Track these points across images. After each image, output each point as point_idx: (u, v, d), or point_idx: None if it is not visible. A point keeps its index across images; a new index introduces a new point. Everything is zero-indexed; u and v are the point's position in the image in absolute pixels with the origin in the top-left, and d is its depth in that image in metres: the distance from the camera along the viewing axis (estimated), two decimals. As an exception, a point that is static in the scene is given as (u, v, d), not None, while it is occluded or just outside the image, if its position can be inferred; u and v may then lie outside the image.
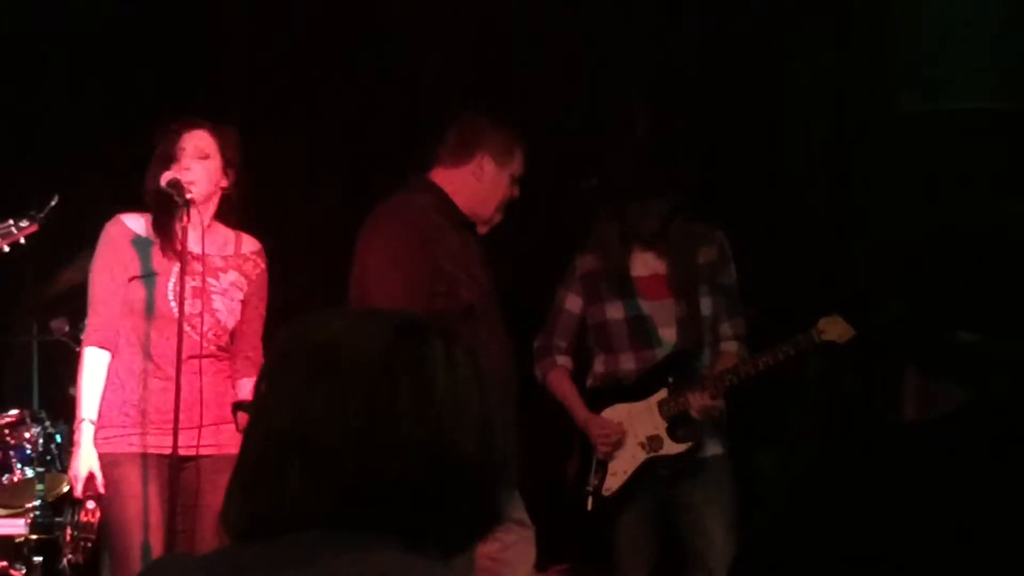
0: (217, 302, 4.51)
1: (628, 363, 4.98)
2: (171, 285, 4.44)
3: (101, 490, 4.35)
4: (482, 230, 4.77)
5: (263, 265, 4.64)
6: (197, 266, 4.44)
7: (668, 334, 4.96)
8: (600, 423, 4.94)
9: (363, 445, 1.60)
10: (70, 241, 4.86)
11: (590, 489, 4.93)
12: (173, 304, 4.42)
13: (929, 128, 5.76)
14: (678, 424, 4.90)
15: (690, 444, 4.89)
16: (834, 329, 4.79)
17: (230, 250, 4.59)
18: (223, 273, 4.55)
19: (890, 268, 5.31)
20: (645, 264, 5.02)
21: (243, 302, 4.58)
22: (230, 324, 4.54)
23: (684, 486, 4.91)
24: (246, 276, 4.60)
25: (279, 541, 1.61)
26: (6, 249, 4.43)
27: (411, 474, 1.60)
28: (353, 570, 1.57)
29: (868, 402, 4.46)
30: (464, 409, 1.65)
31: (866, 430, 4.55)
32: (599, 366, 5.05)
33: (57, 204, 4.43)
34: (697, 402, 4.86)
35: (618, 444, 4.91)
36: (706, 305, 4.99)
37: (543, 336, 5.12)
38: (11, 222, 4.42)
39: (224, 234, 4.59)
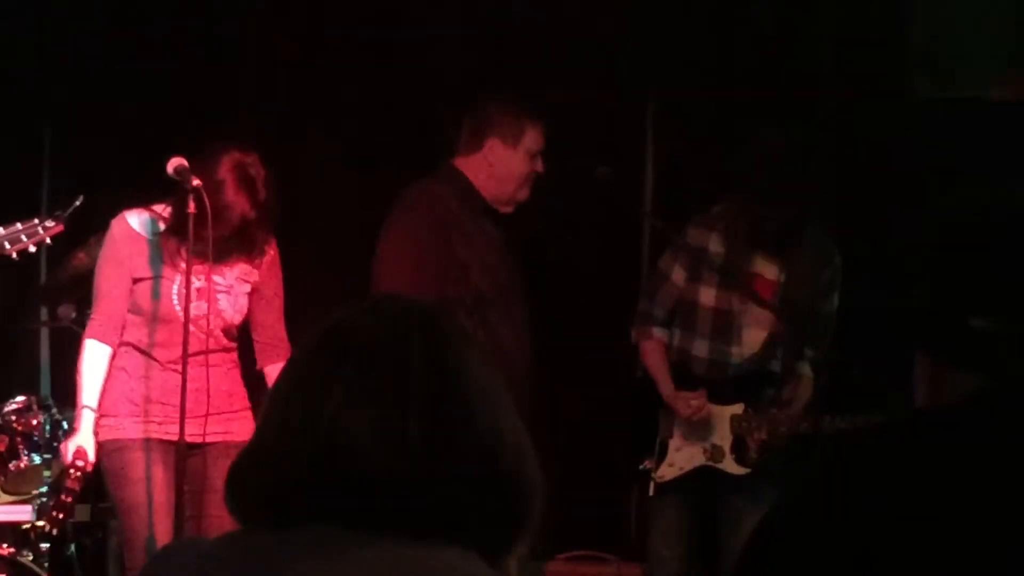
0: (223, 301, 4.48)
1: (701, 350, 4.90)
2: (175, 288, 4.44)
3: (89, 467, 4.32)
4: (507, 209, 4.86)
5: (272, 252, 4.61)
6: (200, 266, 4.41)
7: (751, 337, 4.86)
8: (688, 399, 4.82)
9: (377, 438, 1.58)
10: (80, 230, 4.85)
11: (652, 473, 4.84)
12: (178, 307, 4.41)
13: (942, 115, 5.74)
14: (743, 446, 4.81)
15: (749, 472, 4.80)
16: None
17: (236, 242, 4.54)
18: (228, 269, 4.52)
19: (903, 256, 5.30)
20: (763, 265, 4.90)
21: (253, 291, 4.55)
22: (236, 320, 4.53)
23: (730, 498, 4.84)
24: (254, 265, 4.57)
25: (298, 531, 1.58)
26: (32, 249, 4.45)
27: (426, 468, 1.57)
28: (379, 564, 1.55)
29: (876, 388, 4.44)
30: (470, 397, 1.62)
31: (876, 416, 4.53)
32: (675, 340, 4.97)
33: (81, 204, 4.44)
34: (755, 438, 4.77)
35: (703, 417, 4.80)
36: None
37: (645, 301, 5.04)
38: (36, 222, 4.44)
39: None
